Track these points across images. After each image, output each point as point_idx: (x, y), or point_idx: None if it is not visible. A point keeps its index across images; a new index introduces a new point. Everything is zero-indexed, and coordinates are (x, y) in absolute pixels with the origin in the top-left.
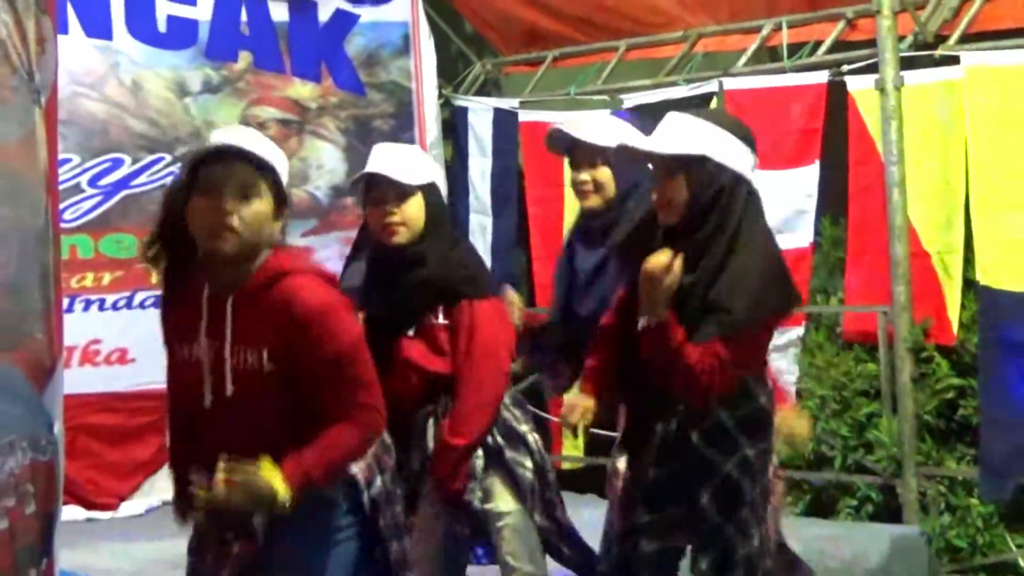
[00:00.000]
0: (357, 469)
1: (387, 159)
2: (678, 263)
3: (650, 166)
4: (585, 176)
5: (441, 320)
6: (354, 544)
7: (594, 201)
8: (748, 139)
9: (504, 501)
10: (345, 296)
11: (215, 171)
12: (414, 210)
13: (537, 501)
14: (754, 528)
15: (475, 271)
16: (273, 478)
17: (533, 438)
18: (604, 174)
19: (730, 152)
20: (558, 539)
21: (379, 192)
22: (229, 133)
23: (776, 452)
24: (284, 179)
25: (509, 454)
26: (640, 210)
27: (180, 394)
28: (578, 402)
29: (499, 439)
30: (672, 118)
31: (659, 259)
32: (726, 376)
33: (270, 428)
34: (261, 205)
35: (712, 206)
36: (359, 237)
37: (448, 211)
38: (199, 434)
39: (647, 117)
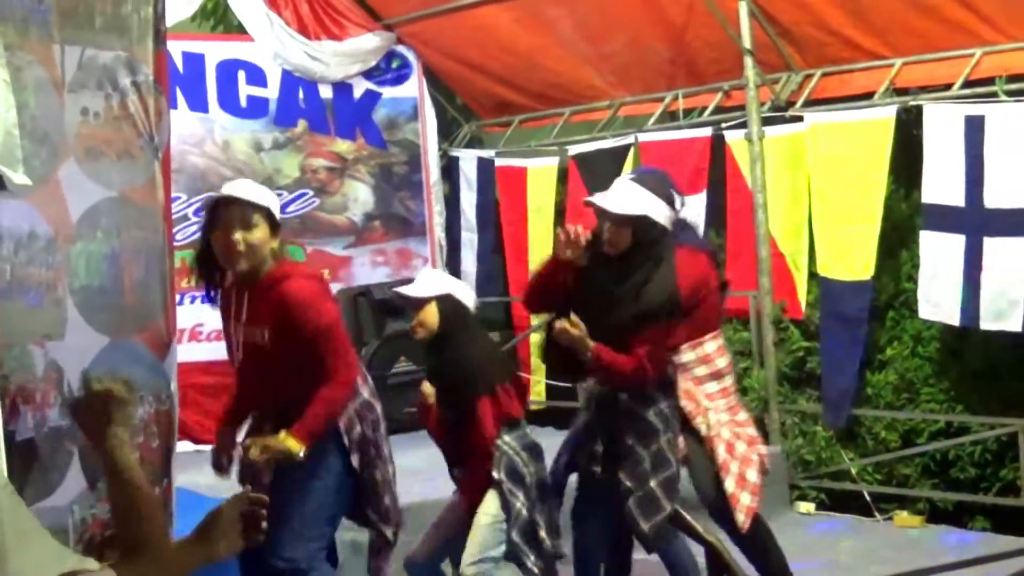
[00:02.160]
0: (340, 422)
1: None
2: (576, 328)
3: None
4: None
5: None
6: (344, 475)
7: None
8: (671, 199)
9: (493, 506)
10: (327, 291)
11: (226, 214)
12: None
13: (518, 525)
14: (672, 461)
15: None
16: (289, 441)
17: (531, 480)
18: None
19: (660, 212)
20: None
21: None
22: (232, 186)
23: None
24: (276, 212)
25: (507, 486)
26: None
27: (230, 360)
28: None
29: (503, 474)
30: (623, 185)
31: (563, 325)
32: (661, 367)
33: (265, 384)
34: (259, 232)
35: (646, 247)
36: None
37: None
38: (242, 384)
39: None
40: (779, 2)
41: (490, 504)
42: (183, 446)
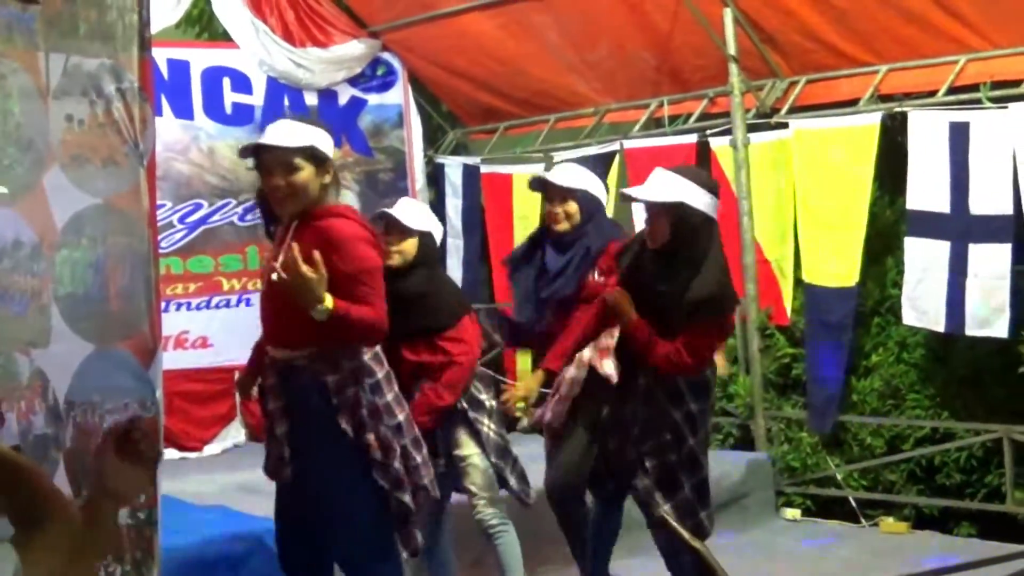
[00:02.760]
0: (331, 380)
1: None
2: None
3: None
4: (559, 209)
5: None
6: (360, 466)
7: (563, 227)
8: (713, 189)
9: (467, 447)
10: (375, 240)
11: (266, 159)
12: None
13: (492, 447)
14: (703, 460)
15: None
16: (327, 297)
17: (490, 404)
18: (572, 208)
19: (699, 199)
20: (508, 472)
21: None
22: (270, 131)
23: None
24: (322, 148)
25: (472, 415)
26: (595, 232)
27: (263, 288)
28: (525, 386)
29: (465, 404)
30: (659, 174)
31: (617, 298)
32: (699, 357)
33: (298, 319)
34: (304, 174)
35: (687, 240)
36: None
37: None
38: (262, 316)
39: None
40: (764, 9)
41: (467, 443)
42: (169, 453)
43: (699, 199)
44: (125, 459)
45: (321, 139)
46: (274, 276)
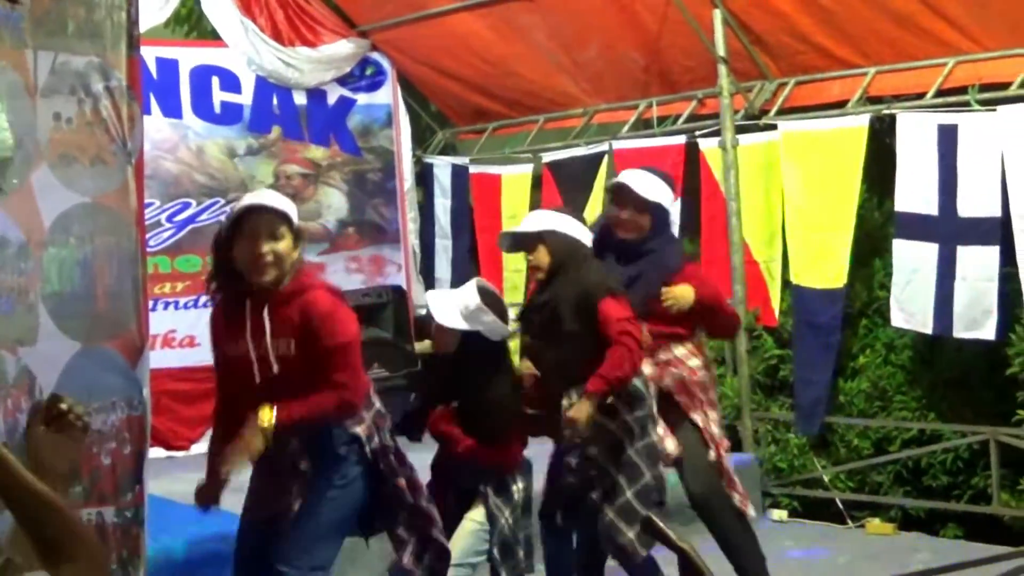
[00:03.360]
0: (360, 430)
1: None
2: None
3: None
4: (626, 215)
5: None
6: (361, 484)
7: (631, 235)
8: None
9: (475, 515)
10: (349, 308)
11: (252, 221)
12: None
13: (497, 540)
14: (645, 470)
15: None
16: (265, 412)
17: (518, 497)
18: (644, 217)
19: (670, 199)
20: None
21: None
22: (258, 195)
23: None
24: (296, 222)
25: (493, 500)
26: (666, 245)
27: (229, 380)
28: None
29: (491, 488)
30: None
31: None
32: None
33: (299, 393)
34: (285, 243)
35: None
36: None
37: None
38: (248, 405)
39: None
40: (753, 11)
41: (478, 512)
42: (155, 452)
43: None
44: (54, 430)
45: (296, 213)
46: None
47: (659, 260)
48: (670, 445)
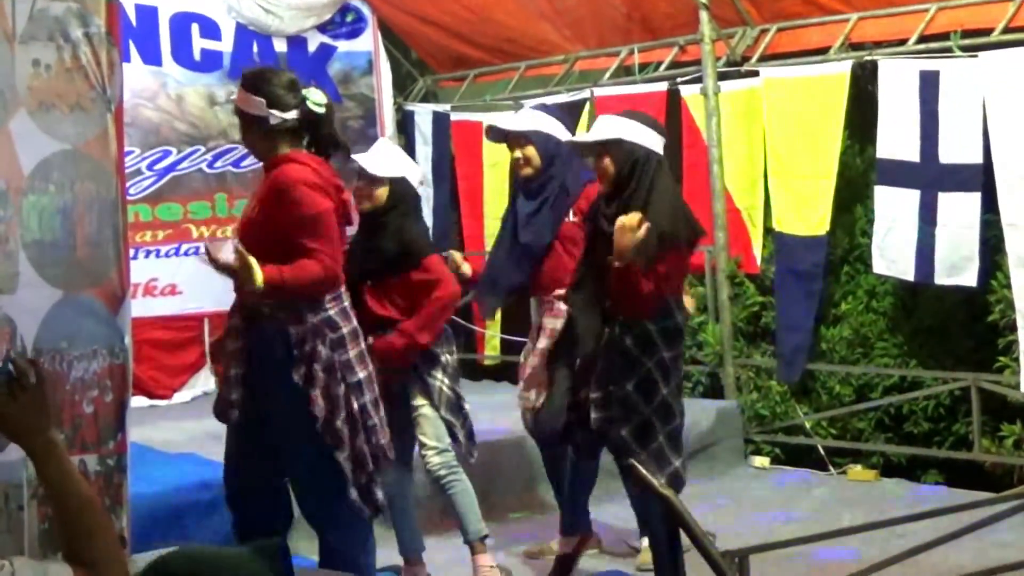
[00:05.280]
0: (294, 331)
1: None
2: (644, 226)
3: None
4: (518, 154)
5: None
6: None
7: (527, 171)
8: (657, 127)
9: (418, 399)
10: (325, 185)
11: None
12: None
13: (443, 401)
14: (677, 410)
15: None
16: (259, 270)
17: (445, 359)
18: (530, 151)
19: (640, 135)
20: (458, 428)
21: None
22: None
23: None
24: (262, 110)
25: (424, 368)
26: (561, 172)
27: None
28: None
29: (418, 360)
30: (601, 119)
31: (631, 217)
32: (657, 292)
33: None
34: (251, 136)
35: (631, 174)
36: None
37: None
38: None
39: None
40: None
41: (417, 396)
42: (137, 401)
43: (639, 136)
44: (18, 397)
45: (251, 101)
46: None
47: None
48: None
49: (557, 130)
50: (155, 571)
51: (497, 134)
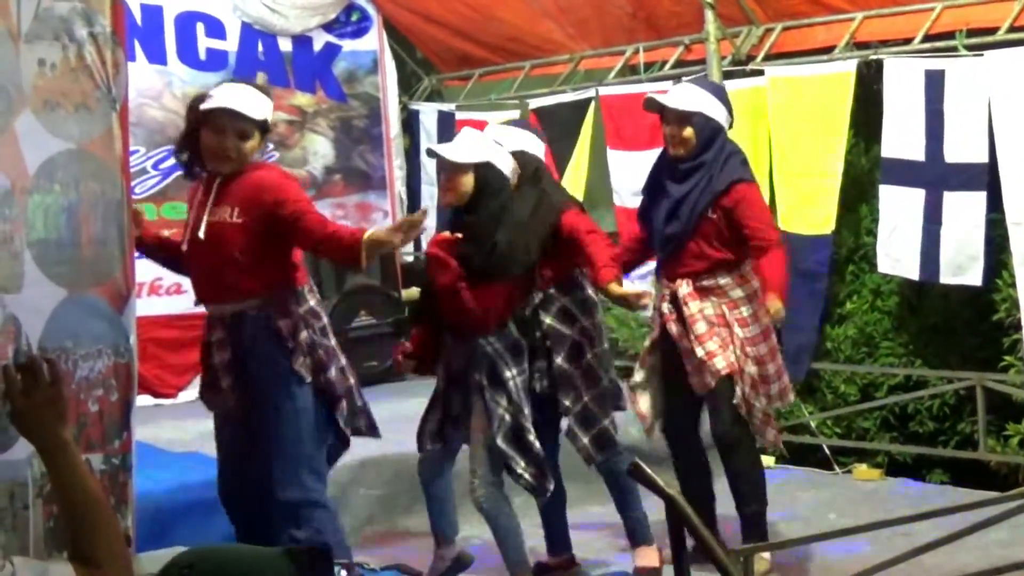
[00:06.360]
0: (282, 326)
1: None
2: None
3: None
4: (674, 131)
5: None
6: (291, 378)
7: (679, 151)
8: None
9: (476, 421)
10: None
11: (223, 119)
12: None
13: (502, 430)
14: (602, 375)
15: None
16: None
17: (514, 384)
18: (688, 132)
19: (716, 111)
20: (517, 462)
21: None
22: (234, 96)
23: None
24: (269, 116)
25: (489, 393)
26: (717, 161)
27: (187, 248)
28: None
29: (485, 379)
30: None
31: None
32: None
33: (222, 264)
34: (252, 142)
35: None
36: None
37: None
38: (193, 277)
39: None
40: None
41: (477, 417)
42: (142, 400)
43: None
44: (33, 395)
45: (270, 110)
46: (200, 234)
47: (706, 181)
48: (720, 363)
49: (719, 113)
50: (178, 571)
51: (655, 105)
